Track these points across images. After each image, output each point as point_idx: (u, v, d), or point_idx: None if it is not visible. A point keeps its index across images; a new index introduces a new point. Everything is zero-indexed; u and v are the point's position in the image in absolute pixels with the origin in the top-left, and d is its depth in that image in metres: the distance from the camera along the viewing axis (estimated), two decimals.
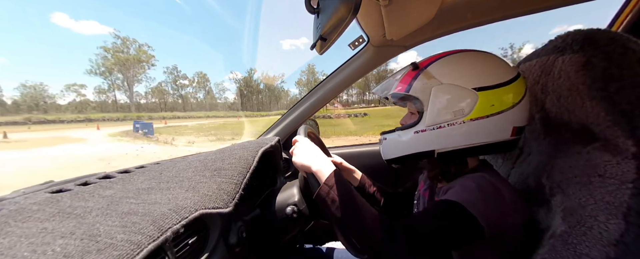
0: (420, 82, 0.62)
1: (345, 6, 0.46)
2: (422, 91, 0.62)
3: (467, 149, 0.61)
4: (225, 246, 0.63)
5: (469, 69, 0.61)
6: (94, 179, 0.64)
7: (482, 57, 0.63)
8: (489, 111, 0.58)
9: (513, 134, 0.61)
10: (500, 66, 0.62)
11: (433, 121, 0.62)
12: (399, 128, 0.69)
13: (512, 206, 0.57)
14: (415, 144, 0.65)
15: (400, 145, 0.68)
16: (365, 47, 1.10)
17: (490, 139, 0.60)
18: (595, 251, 0.48)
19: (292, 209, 0.76)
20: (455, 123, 0.60)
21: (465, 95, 0.59)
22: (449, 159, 0.65)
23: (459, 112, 0.59)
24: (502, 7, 0.91)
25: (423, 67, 0.63)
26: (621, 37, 0.55)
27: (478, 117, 0.59)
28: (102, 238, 0.39)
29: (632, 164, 0.48)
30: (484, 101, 0.58)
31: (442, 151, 0.63)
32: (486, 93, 0.58)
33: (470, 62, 0.62)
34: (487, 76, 0.59)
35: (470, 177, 0.61)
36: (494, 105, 0.58)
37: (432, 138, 0.62)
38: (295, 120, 1.30)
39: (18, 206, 0.45)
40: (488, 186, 0.57)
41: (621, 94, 0.52)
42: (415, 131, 0.64)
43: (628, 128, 0.51)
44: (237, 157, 0.74)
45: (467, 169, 0.66)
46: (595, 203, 0.50)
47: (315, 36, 0.61)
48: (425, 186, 0.81)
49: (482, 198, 0.55)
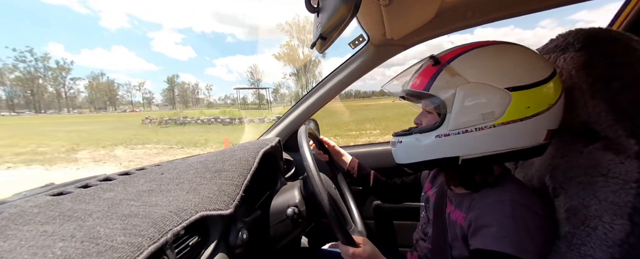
0: (442, 80, 0.55)
1: (345, 5, 0.45)
2: (445, 90, 0.54)
3: (495, 156, 0.54)
4: (226, 248, 0.63)
5: (500, 65, 0.54)
6: (94, 181, 0.64)
7: (515, 51, 0.56)
8: (523, 113, 0.51)
9: (547, 137, 0.55)
10: (536, 62, 0.54)
11: (458, 125, 0.54)
12: (415, 129, 0.62)
13: (546, 220, 0.55)
14: (437, 149, 0.57)
15: (418, 150, 0.60)
16: (365, 46, 1.10)
17: (523, 144, 0.54)
18: (599, 252, 0.47)
19: (293, 210, 0.75)
20: (484, 127, 0.52)
21: (497, 95, 0.51)
22: (473, 166, 0.58)
23: (489, 115, 0.52)
24: (502, 7, 0.91)
25: (445, 62, 0.56)
26: (623, 36, 0.54)
27: (510, 120, 0.51)
28: (103, 241, 0.39)
29: (635, 164, 0.47)
30: (518, 102, 0.51)
31: (467, 157, 0.55)
32: (521, 93, 0.51)
33: (501, 57, 0.55)
34: (521, 74, 0.52)
35: (499, 202, 0.55)
36: (530, 107, 0.51)
37: (456, 143, 0.55)
38: (296, 120, 1.29)
39: (18, 209, 0.45)
40: (524, 212, 0.53)
41: (623, 93, 0.52)
42: (437, 135, 0.56)
43: (630, 127, 0.50)
44: (238, 159, 0.73)
45: (493, 179, 0.59)
46: (599, 203, 0.50)
47: (315, 35, 0.61)
48: (433, 187, 0.79)
49: (525, 233, 0.51)
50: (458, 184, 0.64)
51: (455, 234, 0.62)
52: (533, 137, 0.54)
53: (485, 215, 0.55)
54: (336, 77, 1.21)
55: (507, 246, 0.50)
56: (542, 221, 0.54)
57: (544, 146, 0.57)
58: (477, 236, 0.55)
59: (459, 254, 0.61)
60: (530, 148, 0.55)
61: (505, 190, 0.57)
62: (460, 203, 0.63)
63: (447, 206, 0.68)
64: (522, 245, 0.50)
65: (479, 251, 0.54)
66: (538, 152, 0.57)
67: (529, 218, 0.53)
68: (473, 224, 0.57)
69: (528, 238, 0.51)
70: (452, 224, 0.64)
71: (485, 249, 0.53)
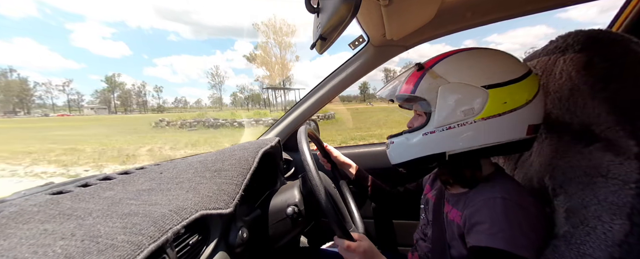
0: (426, 82, 0.60)
1: (345, 6, 0.45)
2: (428, 91, 0.60)
3: (480, 150, 0.59)
4: (226, 247, 0.63)
5: (477, 66, 0.59)
6: (94, 180, 0.64)
7: (490, 54, 0.61)
8: (501, 109, 0.56)
9: (529, 132, 0.59)
10: (509, 63, 0.59)
11: (442, 122, 0.59)
12: (406, 131, 0.67)
13: (539, 217, 0.56)
14: (425, 147, 0.62)
15: (409, 148, 0.65)
16: (365, 46, 1.10)
17: (505, 138, 0.58)
18: (599, 252, 0.47)
19: (292, 209, 0.75)
20: (465, 123, 0.57)
21: (475, 93, 0.57)
22: (461, 162, 0.62)
23: (469, 112, 0.57)
24: (502, 7, 0.91)
25: (428, 67, 0.62)
26: (623, 38, 0.55)
27: (490, 116, 0.56)
28: (103, 239, 0.39)
29: (634, 165, 0.47)
30: (495, 98, 0.56)
31: (453, 152, 0.60)
32: (497, 91, 0.56)
33: (478, 59, 0.61)
34: (496, 73, 0.57)
35: (491, 199, 0.57)
36: (506, 102, 0.56)
37: (442, 139, 0.60)
38: (296, 120, 1.30)
39: (18, 208, 0.45)
40: (515, 209, 0.55)
41: (622, 95, 0.52)
42: (424, 133, 0.61)
43: (630, 128, 0.50)
44: (237, 158, 0.74)
45: (482, 174, 0.63)
46: (598, 203, 0.50)
47: (315, 36, 0.61)
48: (432, 189, 0.80)
49: (518, 229, 0.53)
50: (452, 182, 0.66)
51: (453, 234, 0.63)
52: (514, 132, 0.58)
53: (478, 212, 0.58)
54: (336, 77, 1.21)
55: (500, 242, 0.52)
56: (534, 218, 0.56)
57: (529, 140, 0.60)
58: (472, 233, 0.57)
59: (457, 254, 0.63)
60: (514, 142, 0.59)
61: (497, 188, 0.59)
62: (457, 202, 0.65)
63: (445, 207, 0.69)
64: (515, 241, 0.52)
65: (474, 248, 0.56)
66: (524, 147, 0.61)
67: (521, 214, 0.55)
68: (467, 221, 0.59)
69: (520, 234, 0.53)
70: (449, 223, 0.65)
71: (480, 246, 0.55)
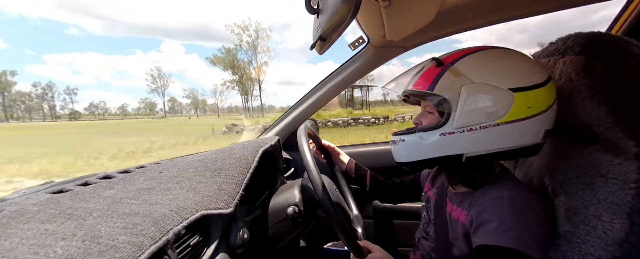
0: (447, 80, 0.57)
1: (345, 6, 0.45)
2: (449, 89, 0.56)
3: (497, 154, 0.57)
4: (227, 248, 0.63)
5: (503, 67, 0.57)
6: (94, 179, 0.64)
7: (515, 56, 0.59)
8: (525, 113, 0.54)
9: (544, 137, 0.58)
10: (533, 66, 0.58)
11: (463, 123, 0.56)
12: (419, 129, 0.63)
13: (545, 216, 0.56)
14: (442, 147, 0.59)
15: (422, 148, 0.62)
16: (365, 47, 1.10)
17: (523, 142, 0.57)
18: (600, 251, 0.48)
19: (293, 209, 0.75)
20: (488, 126, 0.55)
21: (501, 95, 0.54)
22: (475, 164, 0.60)
23: (494, 115, 0.55)
24: (502, 9, 0.91)
25: (449, 63, 0.58)
26: (622, 40, 0.55)
27: (513, 119, 0.54)
28: (104, 240, 0.39)
29: (634, 165, 0.48)
30: (520, 102, 0.54)
31: (471, 155, 0.58)
32: (523, 94, 0.54)
33: (503, 60, 0.58)
34: (523, 76, 0.55)
35: (499, 198, 0.56)
36: (531, 107, 0.54)
37: (461, 141, 0.57)
38: (295, 119, 1.30)
39: (19, 207, 0.45)
40: (523, 208, 0.54)
41: (622, 96, 0.53)
42: (442, 133, 0.58)
43: (629, 129, 0.51)
44: (237, 157, 0.73)
45: (493, 177, 0.61)
46: (598, 203, 0.50)
47: (315, 36, 0.61)
48: (433, 187, 0.80)
49: (525, 228, 0.53)
50: (459, 182, 0.65)
51: (457, 233, 0.62)
52: (533, 136, 0.57)
53: (486, 211, 0.57)
54: (336, 78, 1.22)
55: (509, 241, 0.52)
56: (540, 218, 0.55)
57: (540, 145, 0.60)
58: (479, 232, 0.56)
59: (459, 253, 0.62)
60: (528, 147, 0.58)
61: (504, 187, 0.59)
62: (462, 201, 0.64)
63: (448, 205, 0.69)
64: (523, 240, 0.51)
65: (481, 247, 0.55)
66: (535, 151, 0.60)
67: (528, 213, 0.54)
68: (475, 221, 0.58)
69: (528, 233, 0.52)
70: (453, 223, 0.65)
71: (488, 244, 0.54)
